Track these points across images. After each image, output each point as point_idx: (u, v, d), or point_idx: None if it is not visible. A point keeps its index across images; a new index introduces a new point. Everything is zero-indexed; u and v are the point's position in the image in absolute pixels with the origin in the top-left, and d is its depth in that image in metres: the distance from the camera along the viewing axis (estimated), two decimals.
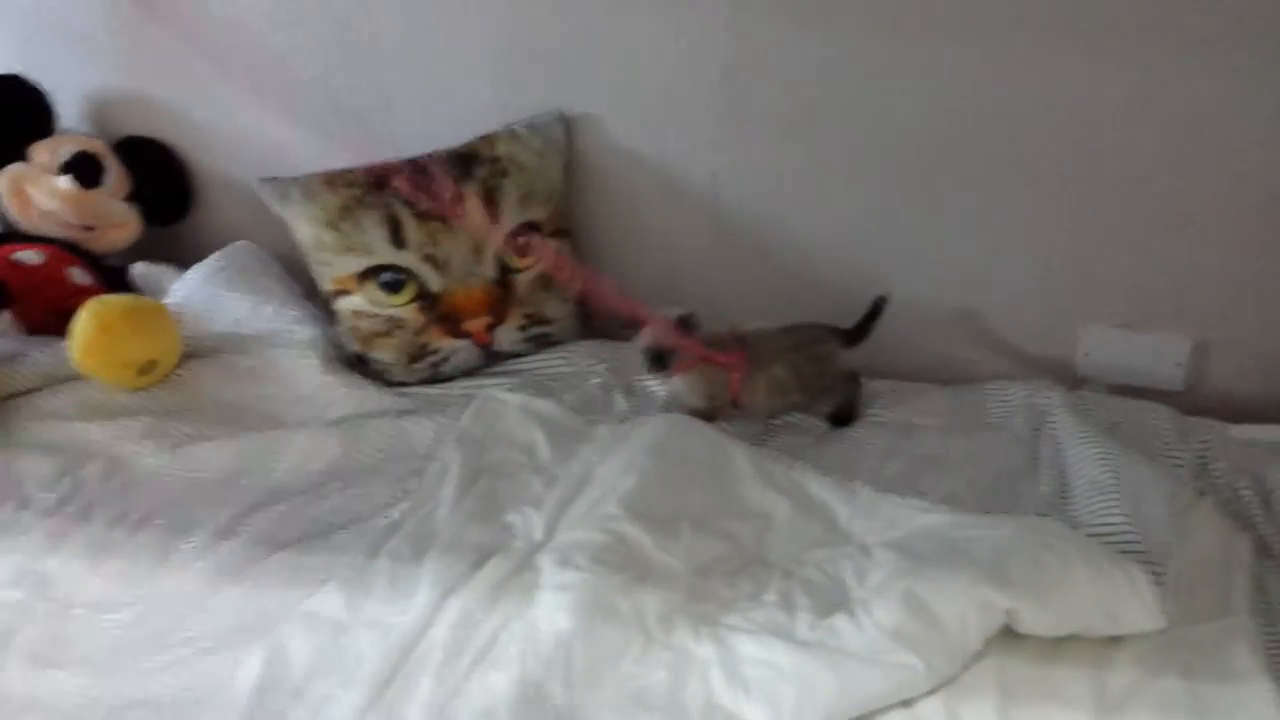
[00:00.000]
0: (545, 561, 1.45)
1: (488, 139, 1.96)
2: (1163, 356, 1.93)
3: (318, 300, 2.03)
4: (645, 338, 1.78)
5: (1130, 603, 1.34)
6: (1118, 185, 1.83)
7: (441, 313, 1.91)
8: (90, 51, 2.19)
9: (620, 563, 1.43)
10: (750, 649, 1.33)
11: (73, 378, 1.86)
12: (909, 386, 1.95)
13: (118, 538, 1.57)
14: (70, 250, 2.09)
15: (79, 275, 2.05)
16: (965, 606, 1.31)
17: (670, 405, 1.84)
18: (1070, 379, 1.97)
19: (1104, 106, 1.77)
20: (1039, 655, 1.33)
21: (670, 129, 1.97)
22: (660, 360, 1.77)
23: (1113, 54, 1.73)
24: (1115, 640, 1.35)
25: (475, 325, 1.93)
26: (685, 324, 1.77)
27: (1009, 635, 1.33)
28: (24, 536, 1.57)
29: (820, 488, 1.63)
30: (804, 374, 1.81)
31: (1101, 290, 1.92)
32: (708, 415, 1.79)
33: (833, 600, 1.40)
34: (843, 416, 1.86)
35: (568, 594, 1.37)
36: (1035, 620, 1.32)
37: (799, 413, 1.88)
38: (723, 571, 1.48)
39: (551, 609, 1.36)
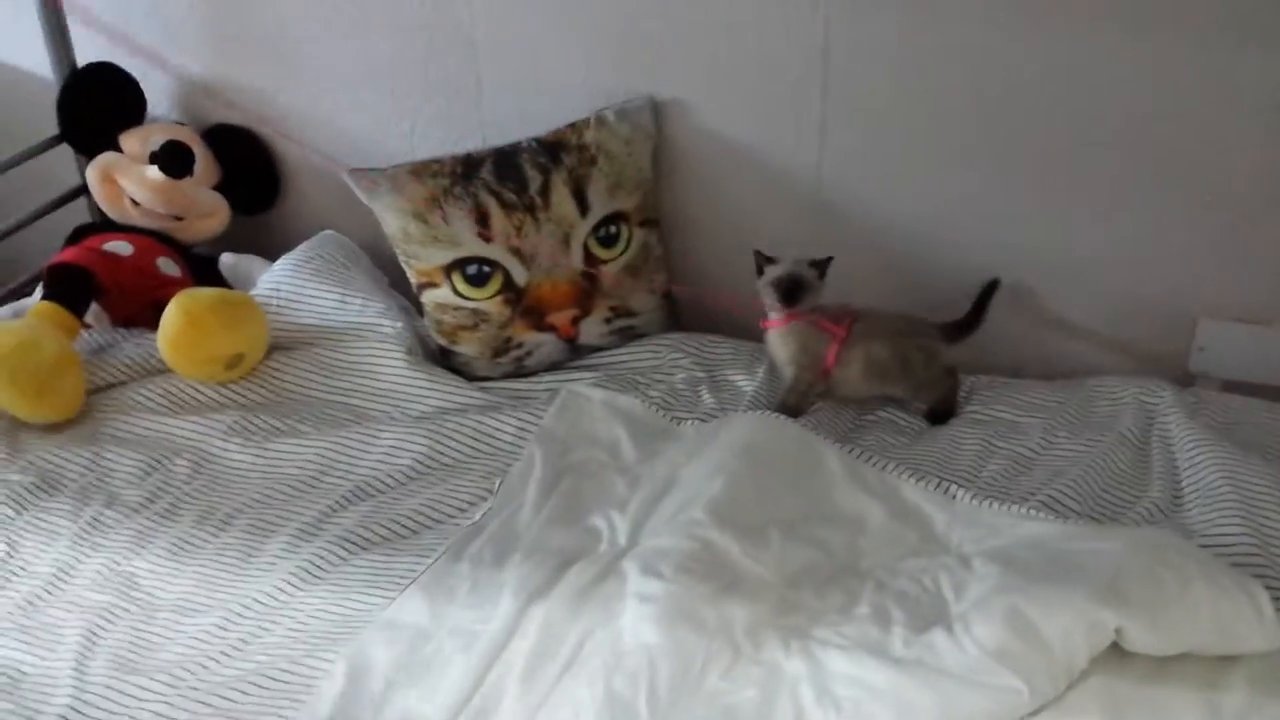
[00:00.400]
0: (630, 568, 1.41)
1: (575, 126, 1.92)
2: None
3: (406, 291, 2.02)
4: (782, 266, 1.74)
5: (1250, 622, 1.26)
6: (1238, 173, 1.71)
7: (527, 306, 1.88)
8: (181, 38, 2.20)
9: (707, 571, 1.39)
10: (842, 666, 1.27)
11: (161, 371, 1.87)
12: (1011, 382, 1.86)
13: (203, 537, 1.58)
14: (160, 240, 2.10)
15: (168, 266, 2.06)
16: (1073, 625, 1.23)
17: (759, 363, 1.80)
18: (1183, 375, 1.87)
19: (1229, 97, 1.66)
20: (1147, 674, 1.25)
21: (766, 115, 1.90)
22: (793, 292, 1.73)
23: (1248, 46, 1.62)
24: (1228, 659, 1.27)
25: (560, 319, 1.90)
26: (818, 268, 1.76)
27: (1116, 653, 1.26)
28: (111, 535, 1.59)
29: (915, 491, 1.57)
30: (905, 360, 1.76)
31: (1219, 281, 1.81)
32: (797, 382, 1.76)
33: (930, 615, 1.34)
34: (941, 413, 1.78)
35: (652, 605, 1.33)
36: (1147, 639, 1.24)
37: (893, 403, 1.81)
38: (813, 581, 1.42)
39: (636, 620, 1.32)
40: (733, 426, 1.67)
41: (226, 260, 2.16)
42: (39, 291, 1.97)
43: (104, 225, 2.14)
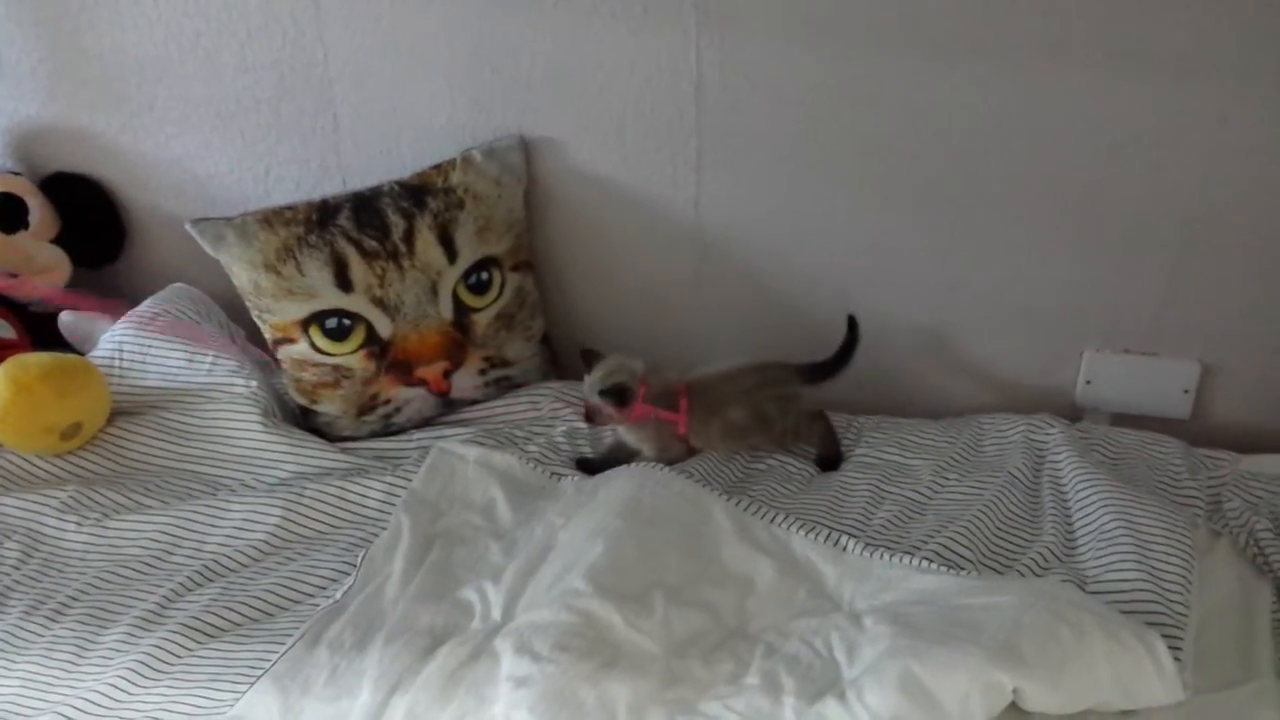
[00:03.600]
0: (503, 647, 1.31)
1: (441, 168, 1.81)
2: (1170, 383, 1.80)
3: (265, 346, 1.89)
4: (609, 374, 1.65)
5: (1150, 676, 1.22)
6: (1122, 205, 1.70)
7: (393, 359, 1.77)
8: (13, 78, 2.04)
9: (587, 647, 1.29)
10: None
11: None
12: (900, 422, 1.81)
13: (34, 630, 1.43)
14: None
15: (3, 328, 1.89)
16: (969, 688, 1.18)
17: (618, 451, 1.71)
18: (1070, 409, 1.84)
19: (1108, 129, 1.65)
20: None
21: (641, 151, 1.83)
22: (623, 396, 1.63)
23: (1122, 78, 1.60)
24: (1129, 714, 1.23)
25: (431, 372, 1.79)
26: (591, 355, 1.70)
27: (1015, 713, 1.21)
28: None
29: (805, 544, 1.49)
30: (761, 414, 1.69)
31: (1104, 313, 1.79)
32: (660, 458, 1.67)
33: (822, 681, 1.26)
34: (828, 459, 1.72)
35: (527, 689, 1.23)
36: (1046, 699, 1.20)
37: (765, 453, 1.75)
38: (700, 649, 1.34)
39: (509, 707, 1.22)
40: (614, 482, 1.58)
41: (64, 320, 1.99)
42: None
43: None
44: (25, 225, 1.97)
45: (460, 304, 1.80)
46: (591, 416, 1.68)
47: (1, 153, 2.09)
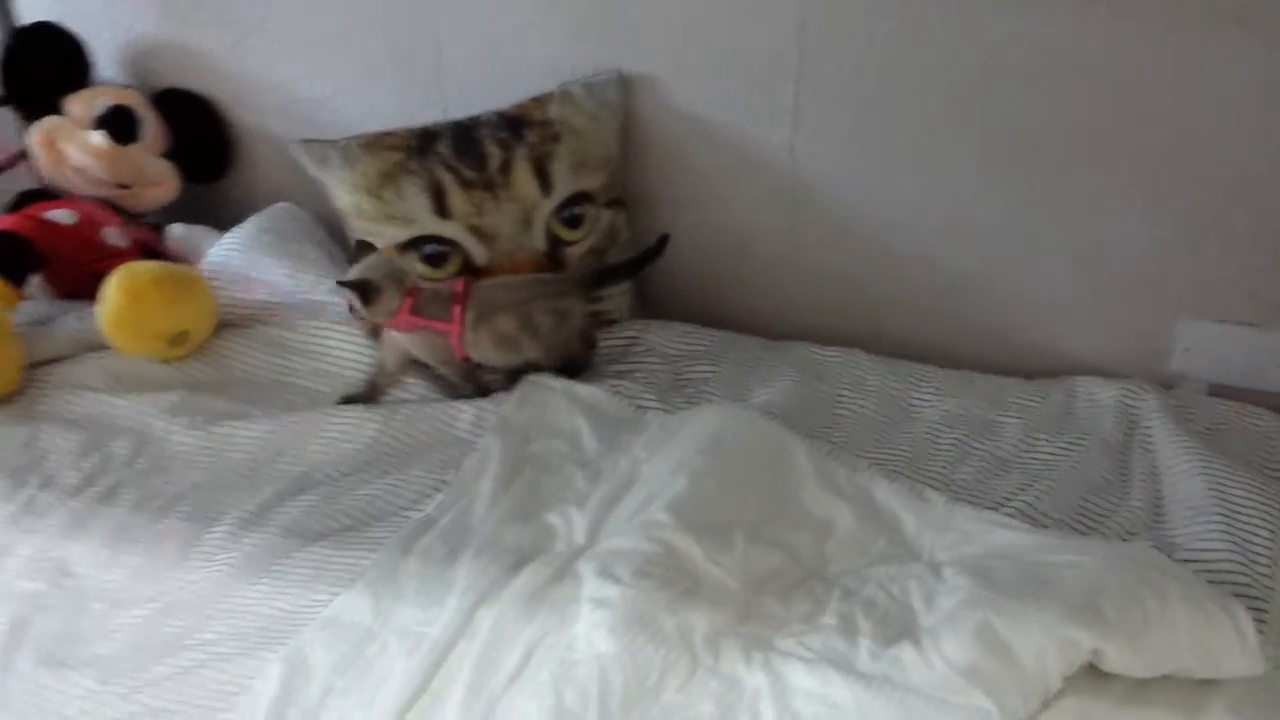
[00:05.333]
0: (586, 570, 1.34)
1: (539, 100, 1.83)
2: (1268, 356, 1.76)
3: None
4: (361, 269, 1.63)
5: (1232, 646, 1.21)
6: (1216, 168, 1.66)
7: None
8: None
9: (667, 576, 1.32)
10: (805, 680, 1.21)
11: (104, 346, 1.78)
12: (989, 379, 1.80)
13: (141, 524, 1.50)
14: (105, 209, 2.01)
15: (113, 236, 1.96)
16: (1046, 644, 1.18)
17: (397, 360, 1.73)
18: (1166, 377, 1.81)
19: (1210, 88, 1.60)
20: (1125, 696, 1.20)
21: (739, 93, 1.82)
22: (365, 294, 1.61)
23: (1239, 39, 1.55)
24: (1209, 683, 1.22)
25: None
26: (367, 246, 1.67)
27: (1092, 673, 1.21)
28: (45, 519, 1.50)
29: (887, 493, 1.50)
30: (533, 326, 1.69)
31: (1204, 281, 1.76)
32: (448, 374, 1.70)
33: (898, 626, 1.28)
34: (574, 370, 1.75)
35: (608, 610, 1.27)
36: (1124, 662, 1.19)
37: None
38: (778, 587, 1.36)
39: (590, 627, 1.26)
40: (697, 419, 1.60)
41: (175, 231, 2.06)
42: None
43: (46, 192, 2.04)
44: (137, 138, 2.03)
45: (553, 237, 1.82)
46: (351, 310, 1.66)
47: (117, 67, 2.15)
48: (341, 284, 1.62)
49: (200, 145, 2.13)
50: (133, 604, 1.39)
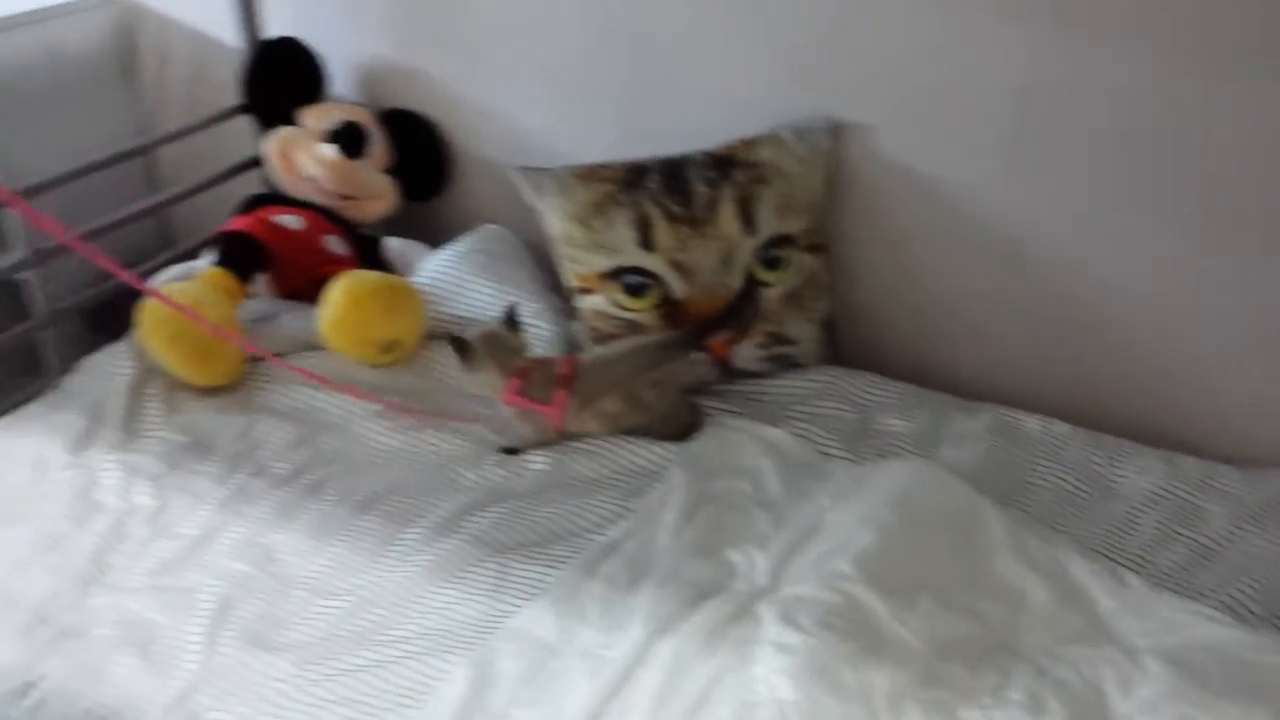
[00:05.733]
0: (767, 613, 1.35)
1: (749, 142, 1.86)
2: None
3: (562, 293, 1.99)
4: (474, 331, 1.68)
5: None
6: None
7: (682, 322, 1.83)
8: (366, 20, 2.22)
9: (849, 629, 1.31)
10: None
11: (318, 346, 1.88)
12: (1196, 462, 1.71)
13: (342, 518, 1.57)
14: (328, 218, 2.12)
15: (334, 244, 2.08)
16: None
17: (504, 427, 1.74)
18: None
19: None
20: None
21: (955, 149, 1.81)
22: (460, 352, 1.66)
23: None
24: None
25: (715, 339, 1.84)
26: (512, 320, 1.71)
27: None
28: (255, 505, 1.60)
29: (1083, 571, 1.45)
30: (638, 401, 1.70)
31: None
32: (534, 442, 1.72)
33: (1089, 711, 1.23)
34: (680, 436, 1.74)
35: (789, 657, 1.26)
36: None
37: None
38: (965, 655, 1.33)
39: (770, 671, 1.25)
40: (886, 472, 1.59)
41: (391, 244, 2.17)
42: (209, 256, 2.01)
43: (276, 197, 2.18)
44: (364, 153, 2.14)
45: (751, 277, 1.84)
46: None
47: (350, 85, 2.28)
48: (450, 340, 1.68)
49: (420, 164, 2.24)
50: (330, 594, 1.46)
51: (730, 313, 1.80)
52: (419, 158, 2.23)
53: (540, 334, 1.89)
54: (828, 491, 1.58)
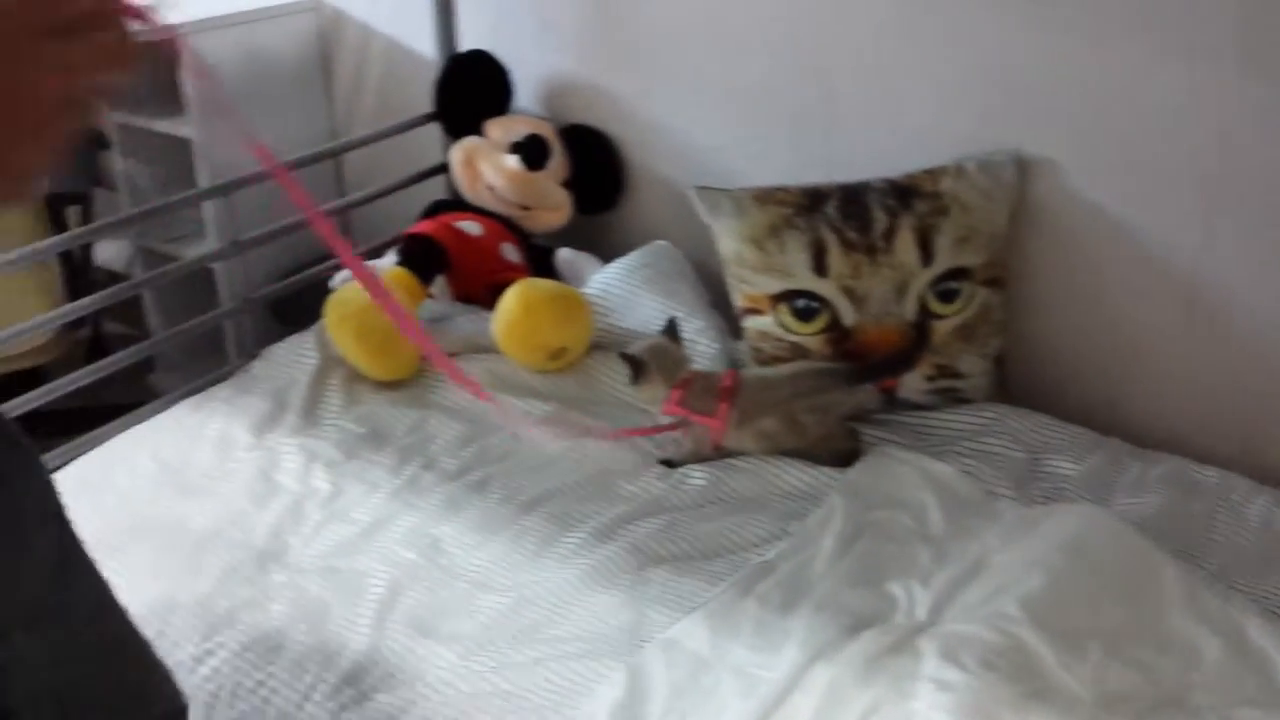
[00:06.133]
0: (927, 648, 1.32)
1: (932, 173, 1.84)
2: None
3: (722, 312, 2.01)
4: (639, 347, 1.72)
5: None
6: None
7: (849, 348, 1.82)
8: (555, 37, 2.29)
9: (1013, 672, 1.28)
10: None
11: (489, 350, 1.94)
12: None
13: (507, 516, 1.62)
14: (506, 226, 2.19)
15: (510, 252, 2.14)
16: None
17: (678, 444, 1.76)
18: None
19: None
20: None
21: (1146, 189, 1.75)
22: (634, 370, 1.68)
23: None
24: None
25: (884, 379, 1.82)
26: (673, 331, 1.76)
27: None
28: (426, 497, 1.66)
29: (1263, 633, 1.38)
30: (796, 424, 1.69)
31: None
32: (691, 455, 1.74)
33: None
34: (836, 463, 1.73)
35: (950, 695, 1.24)
36: None
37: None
38: (1133, 709, 1.28)
39: (930, 708, 1.23)
40: (1058, 516, 1.55)
41: (563, 255, 2.22)
42: (393, 256, 2.10)
43: (458, 204, 2.26)
44: (545, 166, 2.21)
45: (924, 308, 1.82)
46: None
47: (534, 98, 2.35)
48: (620, 355, 1.71)
49: (596, 179, 2.29)
50: (493, 589, 1.50)
51: (903, 357, 1.79)
52: (595, 172, 2.29)
53: (702, 351, 1.91)
54: (994, 531, 1.55)
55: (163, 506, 1.67)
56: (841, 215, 1.82)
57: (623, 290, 2.03)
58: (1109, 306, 1.85)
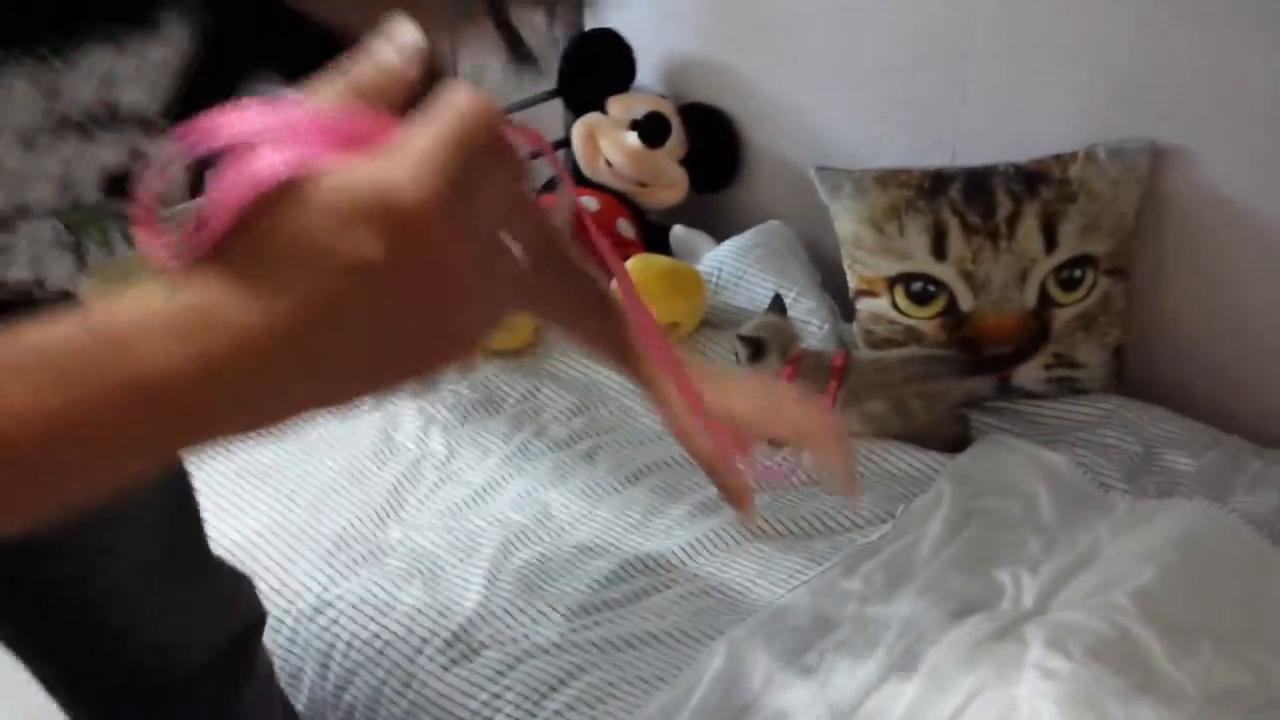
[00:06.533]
0: (1033, 636, 1.32)
1: (1061, 159, 1.80)
2: None
3: (833, 294, 2.00)
4: (753, 326, 1.73)
5: None
6: None
7: (965, 334, 1.80)
8: (679, 16, 2.30)
9: (1121, 664, 1.27)
10: None
11: None
12: None
13: (614, 485, 1.65)
14: (622, 202, 2.22)
15: (625, 228, 2.17)
16: None
17: None
18: None
19: None
20: None
21: None
22: (755, 352, 1.68)
23: None
24: None
25: (1000, 372, 1.80)
26: (779, 304, 1.79)
27: None
28: (536, 463, 1.70)
29: None
30: (904, 409, 1.67)
31: None
32: None
33: None
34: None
35: (1055, 683, 1.23)
36: None
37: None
38: (1240, 707, 1.26)
39: (1034, 695, 1.23)
40: (1173, 511, 1.52)
41: (677, 232, 2.24)
42: None
43: (577, 179, 2.29)
44: (664, 144, 2.23)
45: (1045, 296, 1.79)
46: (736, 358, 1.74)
47: (655, 77, 2.37)
48: (739, 337, 1.71)
49: (714, 157, 2.30)
50: (599, 555, 1.54)
51: (1021, 352, 1.77)
52: (713, 151, 2.30)
53: (813, 332, 1.91)
54: (1106, 523, 1.53)
55: (286, 459, 1.75)
56: (965, 199, 1.80)
57: (735, 269, 2.04)
58: (1235, 302, 1.79)
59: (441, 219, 0.39)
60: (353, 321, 0.40)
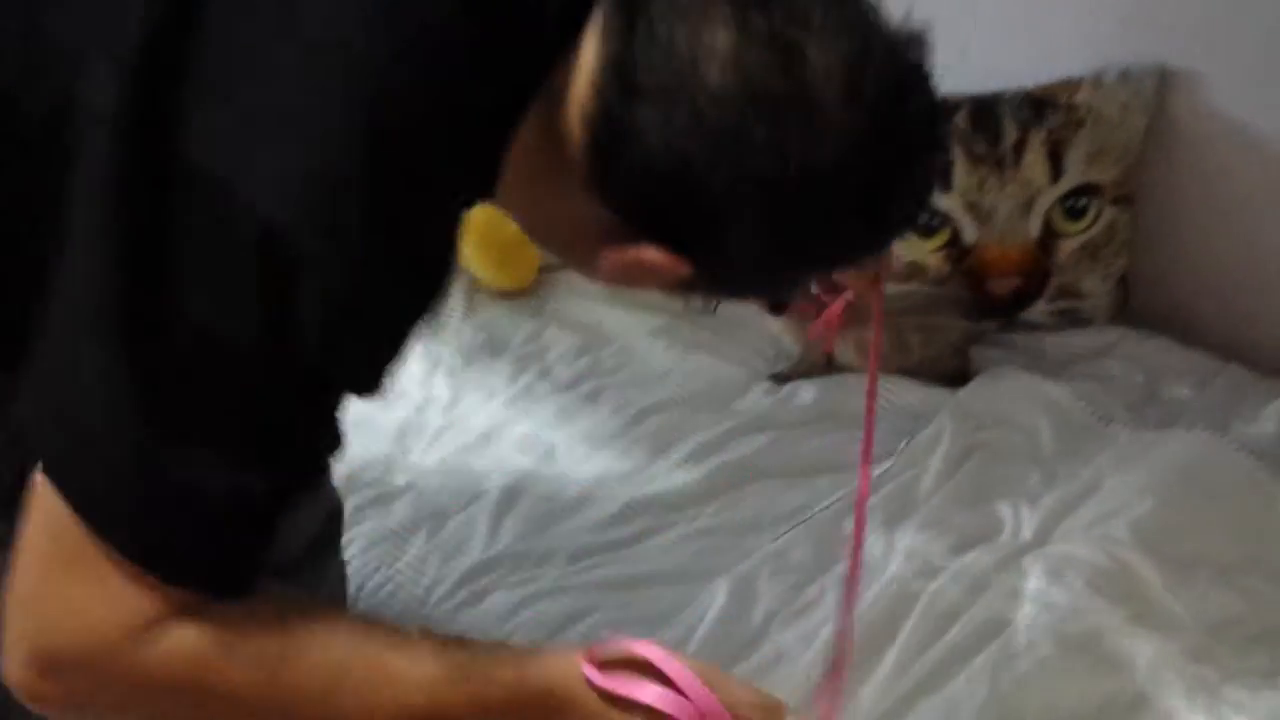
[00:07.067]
0: (1032, 568, 1.34)
1: (1070, 84, 1.76)
2: None
3: None
4: None
5: None
6: None
7: (969, 266, 1.79)
8: None
9: (1118, 595, 1.29)
10: None
11: None
12: None
13: (616, 427, 1.66)
14: None
15: None
16: None
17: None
18: None
19: None
20: None
21: None
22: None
23: None
24: None
25: (1001, 287, 1.79)
26: None
27: None
28: (540, 405, 1.71)
29: None
30: (901, 341, 1.67)
31: None
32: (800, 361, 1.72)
33: None
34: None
35: (1052, 615, 1.25)
36: None
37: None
38: (1235, 636, 1.28)
39: (1033, 626, 1.25)
40: (1173, 442, 1.52)
41: None
42: None
43: None
44: None
45: (1049, 226, 1.77)
46: None
47: None
48: None
49: None
50: (602, 499, 1.54)
51: (1025, 297, 1.75)
52: None
53: None
54: (1107, 455, 1.53)
55: None
56: (971, 127, 1.76)
57: None
58: (1242, 228, 1.77)
59: None
60: None
